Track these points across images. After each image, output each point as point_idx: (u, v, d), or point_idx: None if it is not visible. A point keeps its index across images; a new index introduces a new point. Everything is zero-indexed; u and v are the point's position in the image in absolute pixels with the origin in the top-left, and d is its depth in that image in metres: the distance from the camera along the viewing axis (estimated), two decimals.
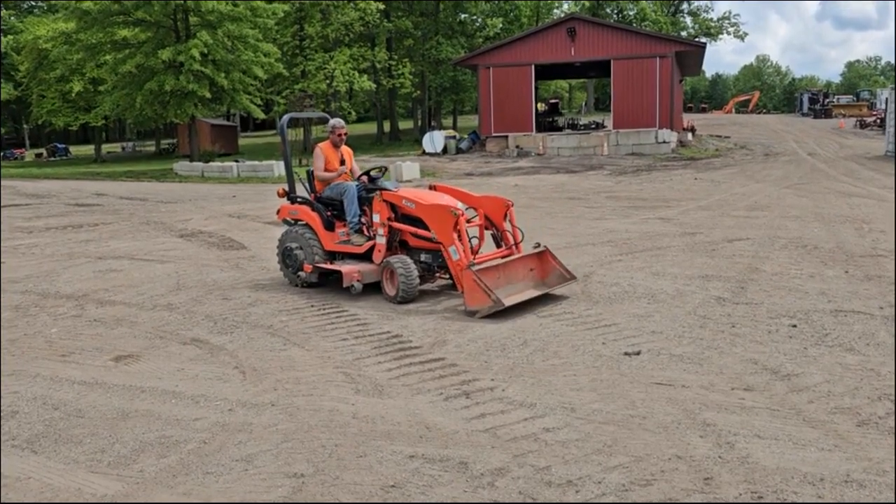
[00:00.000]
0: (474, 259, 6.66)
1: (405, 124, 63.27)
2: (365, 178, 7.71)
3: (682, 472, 3.41)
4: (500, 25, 50.26)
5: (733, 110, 73.83)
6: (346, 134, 7.98)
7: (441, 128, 46.17)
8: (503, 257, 6.97)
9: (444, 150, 35.17)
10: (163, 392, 4.73)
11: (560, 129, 38.89)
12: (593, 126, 40.21)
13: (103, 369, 5.27)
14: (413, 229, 7.10)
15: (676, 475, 3.38)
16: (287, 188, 8.11)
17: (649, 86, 33.04)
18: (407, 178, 23.03)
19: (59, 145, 62.21)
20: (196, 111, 34.39)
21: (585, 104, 72.08)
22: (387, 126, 56.27)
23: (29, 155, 62.06)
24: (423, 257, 7.17)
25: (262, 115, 41.12)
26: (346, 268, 7.14)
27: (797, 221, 11.52)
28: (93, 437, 4.07)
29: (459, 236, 6.66)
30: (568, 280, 7.05)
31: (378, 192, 7.28)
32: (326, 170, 7.78)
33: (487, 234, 7.38)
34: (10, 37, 51.81)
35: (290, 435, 3.97)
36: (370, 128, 62.30)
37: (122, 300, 7.47)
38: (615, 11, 64.21)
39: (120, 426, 4.21)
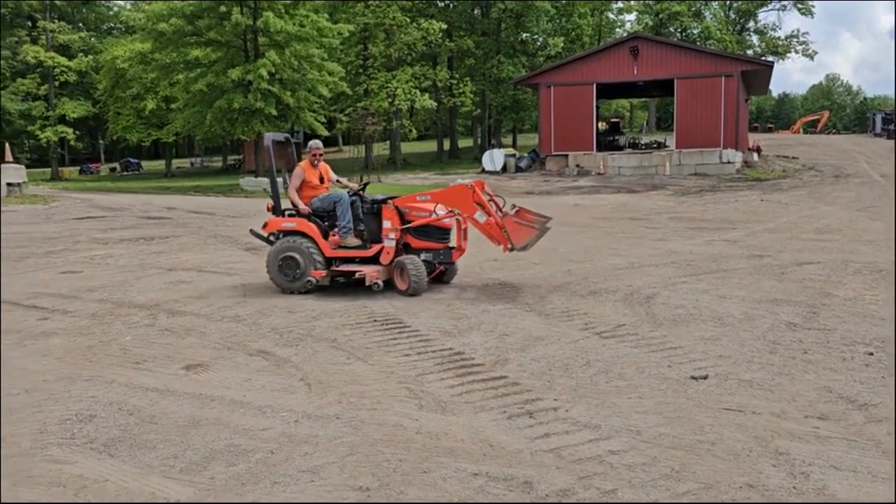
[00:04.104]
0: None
1: (465, 142, 63.60)
2: (359, 190, 8.80)
3: (755, 501, 3.31)
4: (562, 45, 50.18)
5: (801, 130, 71.79)
6: (321, 154, 8.83)
7: (501, 146, 46.25)
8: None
9: (504, 169, 35.22)
10: (231, 401, 4.85)
11: (621, 148, 38.54)
12: (655, 145, 39.70)
13: (174, 377, 5.43)
14: (432, 220, 8.19)
15: None
16: (273, 204, 8.73)
17: (714, 105, 32.48)
18: None
19: (132, 160, 64.80)
20: (262, 128, 35.35)
21: (647, 123, 71.20)
22: (446, 144, 56.68)
23: (104, 169, 64.75)
24: (423, 256, 8.25)
25: (325, 133, 41.96)
26: (367, 269, 8.05)
27: (871, 246, 11.11)
28: (165, 443, 4.20)
29: (481, 205, 7.96)
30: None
31: (388, 201, 8.32)
32: (303, 189, 8.55)
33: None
34: (90, 56, 54.28)
35: (354, 448, 4.02)
36: (430, 146, 62.87)
37: (191, 311, 7.69)
38: (678, 30, 63.41)
39: (191, 433, 4.33)
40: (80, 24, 59.79)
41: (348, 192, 8.62)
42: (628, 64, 33.62)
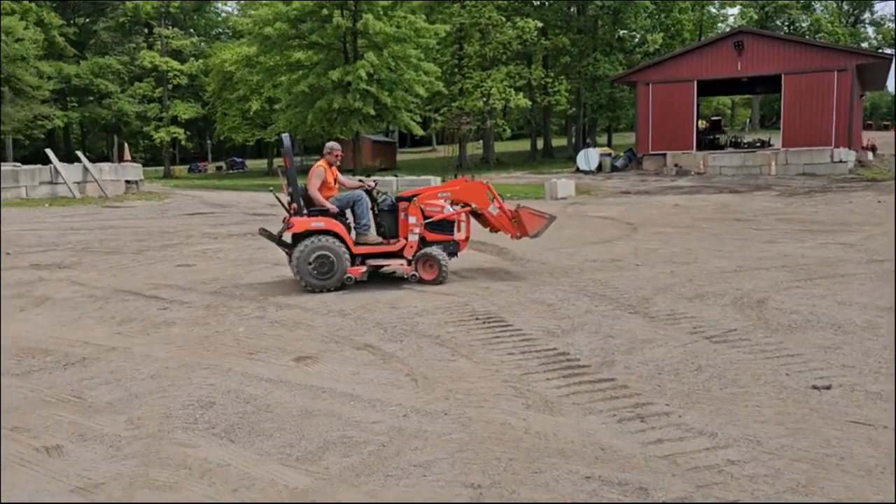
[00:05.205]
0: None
1: (558, 141, 62.96)
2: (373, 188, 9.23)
3: None
4: (661, 41, 48.86)
5: None
6: (340, 155, 9.27)
7: (595, 145, 45.51)
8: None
9: (599, 168, 34.65)
10: (341, 394, 4.97)
11: (722, 147, 37.20)
12: (759, 144, 38.11)
13: (286, 368, 5.62)
14: (449, 215, 8.95)
15: None
16: (296, 205, 8.74)
17: (825, 102, 30.88)
18: (562, 195, 22.89)
19: (237, 159, 67.60)
20: (360, 127, 36.15)
21: (750, 121, 68.36)
22: (540, 143, 56.26)
23: (210, 168, 67.93)
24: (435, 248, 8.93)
25: (420, 132, 42.47)
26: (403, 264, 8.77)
27: None
28: (281, 432, 4.34)
29: (493, 198, 9.06)
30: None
31: (414, 198, 8.88)
32: (321, 190, 8.82)
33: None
34: (200, 61, 57.04)
35: (464, 445, 4.04)
36: (523, 145, 62.57)
37: (298, 304, 7.94)
38: (786, 23, 60.60)
39: (305, 423, 4.46)
40: (192, 30, 62.94)
41: (363, 191, 9.06)
42: (732, 59, 32.41)
